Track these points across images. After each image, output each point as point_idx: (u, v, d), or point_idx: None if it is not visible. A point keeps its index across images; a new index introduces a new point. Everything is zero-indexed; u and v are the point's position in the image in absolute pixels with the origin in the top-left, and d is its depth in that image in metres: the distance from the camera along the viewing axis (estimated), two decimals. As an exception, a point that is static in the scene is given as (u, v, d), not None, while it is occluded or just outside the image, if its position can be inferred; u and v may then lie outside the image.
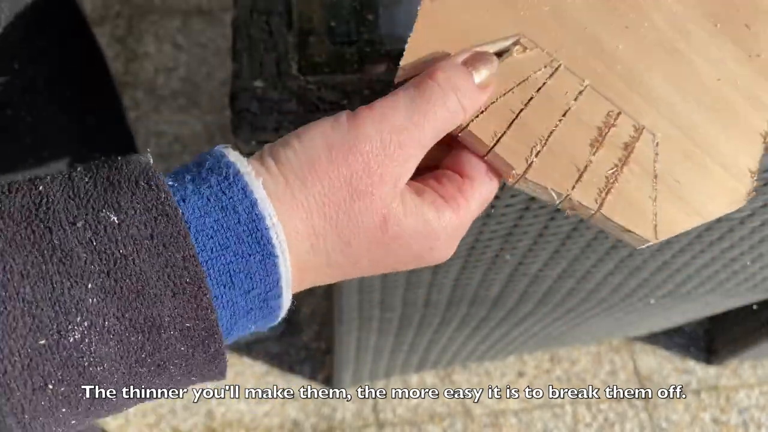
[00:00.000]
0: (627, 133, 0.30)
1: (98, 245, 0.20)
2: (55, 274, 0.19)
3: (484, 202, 0.29)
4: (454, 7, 0.29)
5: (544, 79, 0.30)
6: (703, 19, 0.33)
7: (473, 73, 0.27)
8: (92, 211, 0.20)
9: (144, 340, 0.20)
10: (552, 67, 0.30)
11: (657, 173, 0.30)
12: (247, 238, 0.22)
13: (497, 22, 0.30)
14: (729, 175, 0.31)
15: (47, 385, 0.19)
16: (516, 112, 0.29)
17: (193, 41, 1.50)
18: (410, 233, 0.26)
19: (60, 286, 0.19)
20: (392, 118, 0.25)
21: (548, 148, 0.29)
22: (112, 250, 0.20)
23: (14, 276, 0.19)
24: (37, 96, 0.55)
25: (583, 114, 0.30)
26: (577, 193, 0.28)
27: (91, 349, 0.20)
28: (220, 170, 0.23)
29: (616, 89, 0.31)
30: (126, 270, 0.20)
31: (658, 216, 0.29)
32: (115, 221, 0.20)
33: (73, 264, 0.19)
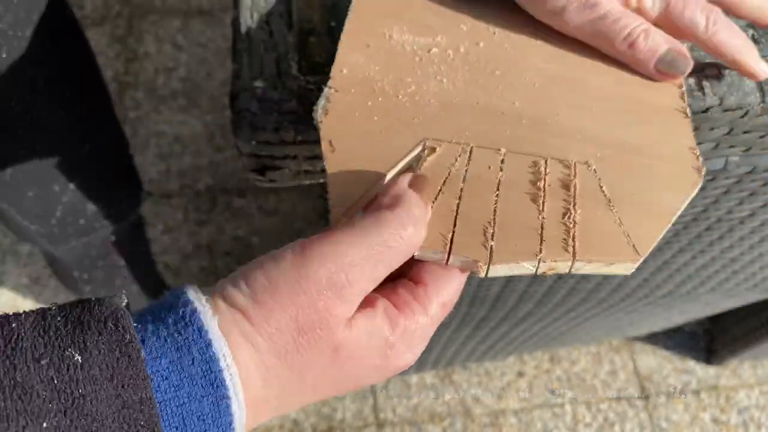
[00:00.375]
0: (562, 174, 0.30)
1: (59, 384, 0.20)
2: (12, 411, 0.19)
3: (447, 303, 0.28)
4: (354, 144, 0.30)
5: (464, 166, 0.30)
6: (573, 42, 0.34)
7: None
8: (58, 349, 0.21)
9: None
10: (466, 152, 0.30)
11: (609, 197, 0.30)
12: (201, 380, 0.22)
13: (398, 139, 0.30)
14: (673, 164, 0.31)
15: None
16: (454, 209, 0.29)
17: (194, 41, 1.51)
18: (363, 351, 0.26)
19: (15, 423, 0.19)
20: (343, 254, 0.24)
21: (500, 227, 0.28)
22: (71, 389, 0.20)
23: None
24: (37, 96, 0.55)
25: (514, 178, 0.30)
26: (547, 254, 0.28)
27: None
28: (177, 309, 0.23)
29: (532, 141, 0.31)
30: (83, 410, 0.20)
31: (631, 235, 0.29)
32: (78, 360, 0.20)
33: (32, 402, 0.20)
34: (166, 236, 1.32)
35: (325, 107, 0.31)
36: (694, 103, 0.34)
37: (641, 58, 0.32)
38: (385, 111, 0.31)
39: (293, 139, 0.33)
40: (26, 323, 0.21)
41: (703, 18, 0.33)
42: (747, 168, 0.42)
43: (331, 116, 0.31)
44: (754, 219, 0.52)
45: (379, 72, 0.32)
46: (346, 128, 0.30)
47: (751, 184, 0.45)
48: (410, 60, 0.32)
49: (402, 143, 0.30)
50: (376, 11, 0.34)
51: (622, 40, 0.32)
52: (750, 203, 0.49)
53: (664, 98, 0.33)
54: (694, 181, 0.30)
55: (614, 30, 0.32)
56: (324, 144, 0.30)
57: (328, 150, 0.30)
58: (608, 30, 0.32)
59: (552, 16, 0.33)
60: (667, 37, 0.33)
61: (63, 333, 0.21)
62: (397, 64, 0.32)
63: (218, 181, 1.37)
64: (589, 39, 0.33)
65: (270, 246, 1.42)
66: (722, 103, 0.34)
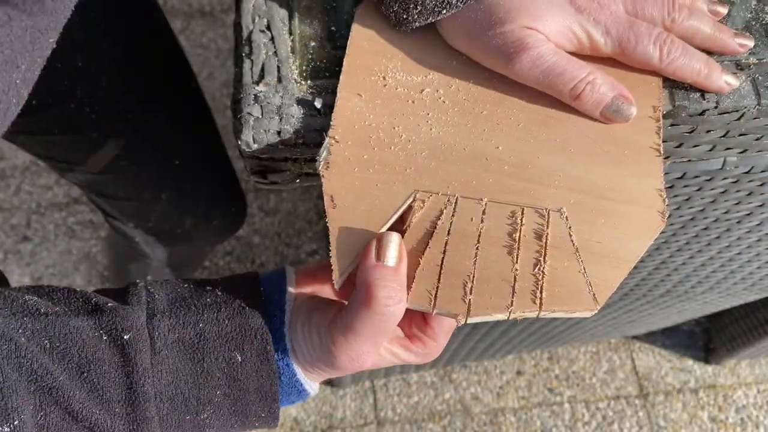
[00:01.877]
0: (536, 224, 0.32)
1: (228, 371, 0.34)
2: (201, 384, 0.34)
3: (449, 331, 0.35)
4: (354, 199, 0.32)
5: (449, 218, 0.32)
6: None
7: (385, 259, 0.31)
8: (227, 350, 0.34)
9: (237, 420, 0.35)
10: (451, 203, 0.32)
11: (577, 245, 0.31)
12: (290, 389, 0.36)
13: (392, 191, 0.32)
14: (640, 208, 0.32)
15: (188, 414, 0.34)
16: (439, 263, 0.31)
17: (195, 42, 1.51)
18: None
19: (201, 389, 0.34)
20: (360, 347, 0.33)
21: (478, 280, 0.31)
22: (234, 377, 0.34)
23: (179, 384, 0.33)
24: (99, 91, 0.56)
25: (493, 229, 0.32)
26: (517, 307, 0.31)
27: (210, 421, 0.34)
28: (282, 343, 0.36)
29: (512, 189, 0.32)
30: (238, 387, 0.34)
31: (592, 284, 0.31)
32: (239, 359, 0.34)
33: (211, 379, 0.34)
34: (166, 236, 1.32)
35: (327, 159, 0.33)
36: (691, 106, 0.34)
37: (587, 108, 0.33)
38: (380, 162, 0.33)
39: (294, 142, 0.33)
40: (207, 326, 0.34)
41: (657, 50, 0.33)
42: (745, 168, 0.42)
43: (332, 170, 0.32)
44: (752, 218, 0.53)
45: (374, 118, 0.34)
46: (345, 183, 0.32)
47: (748, 183, 0.45)
48: (403, 104, 0.34)
49: (396, 195, 0.32)
50: (372, 47, 0.35)
51: (567, 92, 0.33)
52: (747, 203, 0.49)
53: (640, 135, 0.33)
54: (657, 226, 0.32)
55: (559, 83, 0.32)
56: (326, 199, 0.32)
57: (329, 206, 0.32)
58: (553, 83, 0.32)
59: (503, 68, 0.33)
60: (613, 84, 0.33)
61: (230, 337, 0.34)
62: (391, 108, 0.34)
63: (219, 181, 1.37)
64: (541, 89, 0.33)
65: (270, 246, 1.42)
66: (718, 106, 0.34)
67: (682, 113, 0.34)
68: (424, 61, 0.35)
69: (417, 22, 0.33)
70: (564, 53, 0.33)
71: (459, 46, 0.34)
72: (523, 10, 0.32)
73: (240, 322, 0.34)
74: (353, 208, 0.32)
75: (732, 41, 0.35)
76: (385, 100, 0.34)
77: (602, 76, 0.33)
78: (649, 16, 0.33)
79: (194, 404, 0.33)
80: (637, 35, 0.33)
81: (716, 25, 0.35)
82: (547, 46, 0.32)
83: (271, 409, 0.35)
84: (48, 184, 1.31)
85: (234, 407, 0.35)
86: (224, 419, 0.35)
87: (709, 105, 0.34)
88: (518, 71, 0.33)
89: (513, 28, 0.32)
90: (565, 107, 0.34)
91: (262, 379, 0.34)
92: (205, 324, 0.34)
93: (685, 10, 0.34)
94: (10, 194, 1.30)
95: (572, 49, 0.33)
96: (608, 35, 0.33)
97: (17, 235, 1.31)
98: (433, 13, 0.33)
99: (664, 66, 0.33)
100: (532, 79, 0.33)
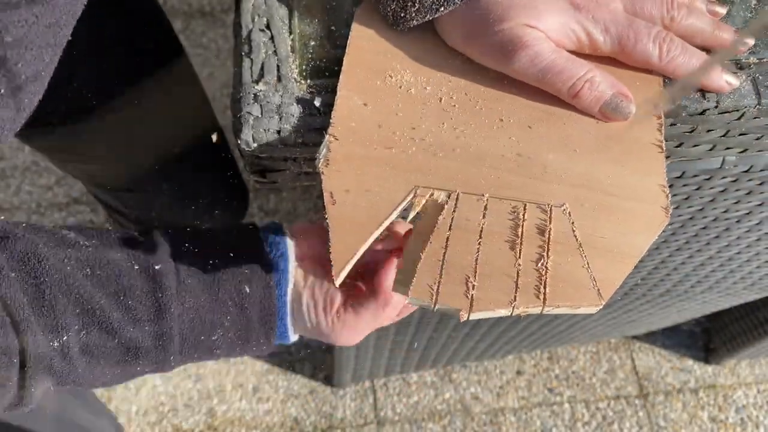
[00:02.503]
0: (538, 219, 0.32)
1: (237, 300, 0.40)
2: (215, 310, 0.40)
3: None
4: (353, 196, 0.32)
5: (450, 214, 0.32)
6: None
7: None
8: (239, 283, 0.40)
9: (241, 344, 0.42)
10: (453, 199, 0.32)
11: (580, 241, 0.31)
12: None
13: (392, 187, 0.32)
14: (643, 204, 0.32)
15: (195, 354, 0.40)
16: (441, 258, 0.31)
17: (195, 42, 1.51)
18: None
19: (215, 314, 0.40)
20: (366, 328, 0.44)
21: (480, 275, 0.31)
22: (242, 304, 0.40)
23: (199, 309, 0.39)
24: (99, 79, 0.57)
25: (495, 225, 0.31)
26: (520, 302, 0.30)
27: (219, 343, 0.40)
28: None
29: (513, 185, 0.32)
30: (245, 314, 0.40)
31: (596, 279, 0.31)
32: (247, 291, 0.40)
33: (224, 307, 0.40)
34: (166, 236, 1.32)
35: (326, 156, 0.32)
36: (691, 105, 0.34)
37: (586, 105, 0.33)
38: (380, 160, 0.33)
39: (293, 141, 0.33)
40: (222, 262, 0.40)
41: (656, 48, 0.33)
42: (744, 167, 0.42)
43: (332, 167, 0.32)
44: (751, 218, 0.53)
45: (374, 116, 0.33)
46: (345, 180, 0.32)
47: (748, 183, 0.45)
48: (403, 102, 0.34)
49: (396, 192, 0.32)
50: (371, 46, 0.35)
51: (566, 90, 0.33)
52: (747, 202, 0.49)
53: (642, 132, 0.33)
54: (661, 221, 0.32)
55: (557, 81, 0.32)
56: (326, 196, 0.32)
57: (329, 203, 0.32)
58: (551, 81, 0.32)
59: (502, 66, 0.33)
60: (612, 82, 0.33)
61: (241, 273, 0.40)
62: (391, 106, 0.34)
63: (219, 181, 1.37)
64: (540, 86, 0.33)
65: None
66: (719, 105, 0.34)
67: (683, 112, 0.34)
68: (424, 60, 0.35)
69: (415, 20, 0.33)
70: (563, 51, 0.33)
71: (457, 45, 0.34)
72: (521, 8, 0.32)
73: (250, 261, 0.41)
74: (353, 205, 0.32)
75: (732, 39, 0.34)
76: (384, 98, 0.34)
77: (601, 74, 0.33)
78: (648, 14, 0.33)
79: (208, 327, 0.39)
80: (637, 33, 0.33)
81: (716, 23, 0.34)
82: (545, 44, 0.32)
83: (268, 335, 0.42)
84: (48, 184, 1.31)
85: (239, 332, 0.41)
86: (230, 342, 0.41)
87: (710, 104, 0.34)
88: (517, 69, 0.33)
89: (511, 26, 0.32)
90: (566, 104, 0.34)
91: (264, 310, 0.41)
92: (220, 261, 0.40)
93: (684, 8, 0.34)
94: (11, 194, 1.30)
95: (572, 47, 0.33)
96: (607, 33, 0.33)
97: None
98: (431, 11, 0.32)
99: (663, 64, 0.33)
100: (531, 76, 0.33)
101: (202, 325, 0.39)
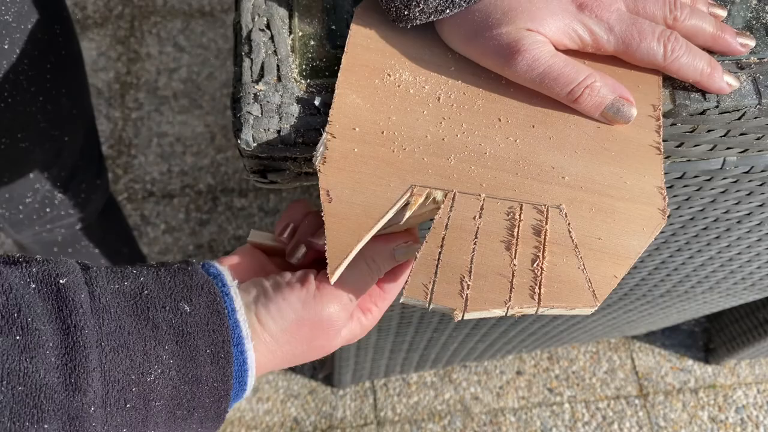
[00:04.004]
0: (534, 220, 0.32)
1: (175, 323, 0.31)
2: (147, 337, 0.30)
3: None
4: (350, 194, 0.32)
5: (447, 213, 0.32)
6: None
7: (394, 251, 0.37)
8: (174, 301, 0.31)
9: (188, 390, 0.31)
10: (449, 199, 0.32)
11: (576, 242, 0.31)
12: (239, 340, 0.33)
13: (389, 186, 0.32)
14: (640, 205, 0.32)
15: (126, 404, 0.29)
16: (436, 258, 0.31)
17: (195, 42, 1.51)
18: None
19: (147, 342, 0.30)
20: (346, 298, 0.36)
21: (475, 275, 0.31)
22: (182, 328, 0.31)
23: (123, 333, 0.29)
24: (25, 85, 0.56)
25: (491, 225, 0.31)
26: (515, 302, 0.30)
27: (158, 388, 0.30)
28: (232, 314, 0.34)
29: (510, 185, 0.32)
30: (188, 342, 0.31)
31: (592, 280, 0.31)
32: (187, 310, 0.31)
33: (158, 333, 0.30)
34: (167, 236, 1.32)
35: (323, 155, 0.32)
36: (692, 105, 0.34)
37: (587, 110, 0.33)
38: (377, 158, 0.33)
39: (293, 141, 0.33)
40: (149, 279, 0.31)
41: (660, 47, 0.33)
42: (744, 168, 0.42)
43: (329, 165, 0.32)
44: (752, 218, 0.53)
45: (372, 115, 0.33)
46: (342, 178, 0.32)
47: (748, 183, 0.45)
48: (401, 101, 0.34)
49: (392, 190, 0.32)
50: (371, 45, 0.35)
51: (565, 96, 0.33)
52: (747, 203, 0.49)
53: (640, 134, 0.33)
54: (658, 223, 0.32)
55: (556, 86, 0.32)
56: (322, 193, 0.32)
57: (325, 200, 0.32)
58: (550, 86, 0.32)
59: (501, 69, 0.33)
60: (613, 86, 0.33)
61: (176, 291, 0.32)
62: (389, 105, 0.34)
63: (219, 181, 1.38)
64: (539, 90, 0.33)
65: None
66: (719, 105, 0.34)
67: (683, 112, 0.34)
68: (422, 60, 0.35)
69: (418, 20, 0.33)
70: (561, 56, 0.32)
71: (457, 47, 0.34)
72: (521, 11, 0.32)
73: (184, 278, 0.32)
74: (350, 203, 0.32)
75: (734, 40, 0.34)
76: (383, 97, 0.34)
77: (601, 78, 0.32)
78: (651, 14, 0.33)
79: (140, 360, 0.29)
80: (641, 32, 0.33)
81: (718, 24, 0.34)
82: (544, 49, 0.32)
83: (224, 374, 0.31)
84: None
85: (184, 369, 0.30)
86: (174, 386, 0.30)
87: (710, 104, 0.34)
88: (515, 73, 0.32)
89: (510, 30, 0.32)
90: (564, 105, 0.34)
91: (213, 334, 0.31)
92: (146, 278, 0.31)
93: (687, 8, 0.34)
94: None
95: (574, 47, 0.33)
96: (611, 33, 0.33)
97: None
98: (436, 12, 0.32)
99: (667, 64, 0.33)
100: (529, 81, 0.33)
101: (132, 359, 0.29)
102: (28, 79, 0.56)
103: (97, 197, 0.78)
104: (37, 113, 0.60)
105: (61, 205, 0.73)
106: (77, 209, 0.76)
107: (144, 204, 1.34)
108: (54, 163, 0.67)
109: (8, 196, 0.68)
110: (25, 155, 0.63)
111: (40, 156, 0.64)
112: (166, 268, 0.32)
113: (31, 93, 0.57)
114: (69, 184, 0.71)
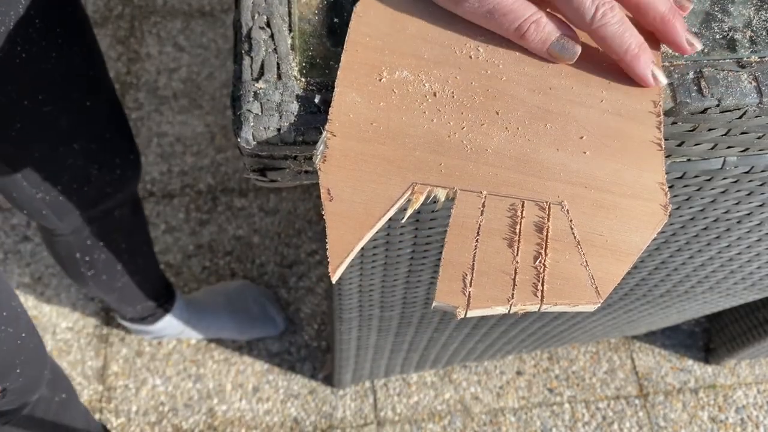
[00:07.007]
0: (536, 217, 0.32)
1: None
2: None
3: None
4: (350, 192, 0.32)
5: (448, 211, 0.32)
6: (557, 69, 0.34)
7: None
8: None
9: None
10: (451, 197, 0.32)
11: (578, 238, 0.31)
12: None
13: (390, 184, 0.32)
14: (641, 202, 0.32)
15: None
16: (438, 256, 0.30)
17: (195, 42, 1.51)
18: None
19: None
20: None
21: (477, 273, 0.31)
22: None
23: None
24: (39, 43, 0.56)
25: (492, 222, 0.32)
26: (518, 299, 0.30)
27: None
28: None
29: (511, 182, 0.32)
30: None
31: (595, 277, 0.31)
32: None
33: None
34: (167, 236, 1.32)
35: (324, 153, 0.32)
36: (693, 103, 0.34)
37: (533, 47, 0.33)
38: (378, 156, 0.33)
39: (294, 139, 0.33)
40: None
41: (593, 7, 0.31)
42: (745, 168, 0.42)
43: (329, 164, 0.32)
44: (752, 218, 0.52)
45: (372, 113, 0.33)
46: (342, 176, 0.32)
47: (748, 183, 0.45)
48: (401, 98, 0.34)
49: (393, 188, 0.32)
50: (370, 43, 0.35)
51: (513, 31, 0.33)
52: (747, 203, 0.49)
53: (640, 130, 0.33)
54: (660, 219, 0.32)
55: (504, 22, 0.33)
56: (323, 192, 0.32)
57: (326, 199, 0.32)
58: (499, 22, 0.33)
59: (453, 6, 0.34)
60: (558, 23, 0.32)
61: None
62: (389, 103, 0.34)
63: (219, 181, 1.37)
64: (488, 28, 0.34)
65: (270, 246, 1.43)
66: (720, 104, 0.34)
67: (684, 110, 0.34)
68: (422, 57, 0.35)
69: None
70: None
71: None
72: None
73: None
74: (350, 201, 0.32)
75: (683, 32, 0.33)
76: (382, 94, 0.34)
77: (548, 15, 0.32)
78: None
79: None
80: None
81: (674, 9, 0.33)
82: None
83: None
84: None
85: None
86: None
87: (711, 102, 0.34)
88: (466, 10, 0.33)
89: None
90: (565, 101, 0.34)
91: None
92: None
93: None
94: None
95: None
96: None
97: (17, 235, 1.31)
98: None
99: (594, 28, 0.32)
100: (479, 17, 0.33)
101: None
102: (37, 31, 0.56)
103: (131, 174, 0.78)
104: (53, 71, 0.60)
105: (99, 183, 0.73)
106: (113, 187, 0.76)
107: (144, 204, 1.34)
108: (81, 133, 0.66)
109: (44, 175, 0.67)
110: (49, 122, 0.63)
111: (66, 123, 0.64)
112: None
113: (42, 47, 0.57)
114: (101, 157, 0.71)
